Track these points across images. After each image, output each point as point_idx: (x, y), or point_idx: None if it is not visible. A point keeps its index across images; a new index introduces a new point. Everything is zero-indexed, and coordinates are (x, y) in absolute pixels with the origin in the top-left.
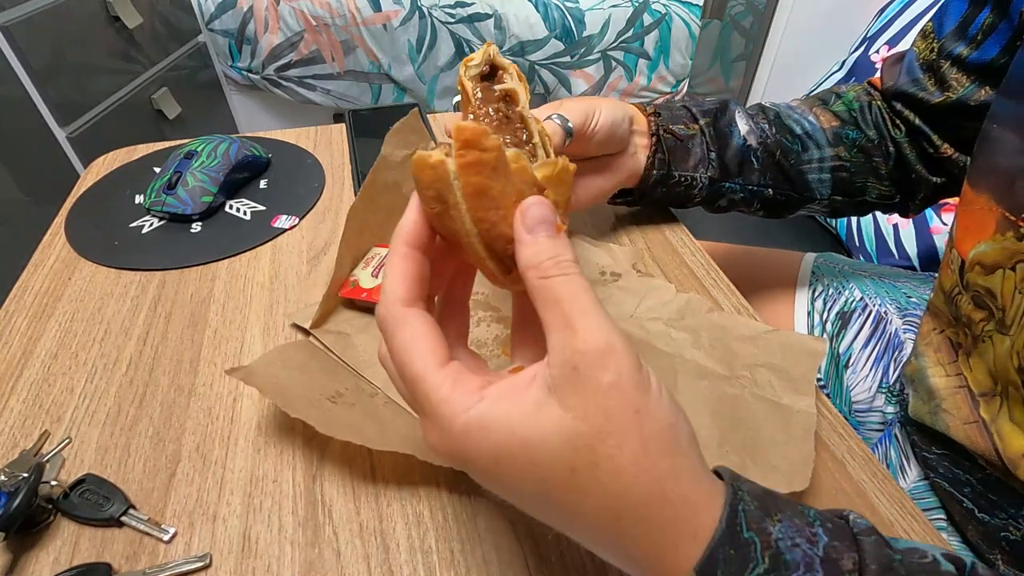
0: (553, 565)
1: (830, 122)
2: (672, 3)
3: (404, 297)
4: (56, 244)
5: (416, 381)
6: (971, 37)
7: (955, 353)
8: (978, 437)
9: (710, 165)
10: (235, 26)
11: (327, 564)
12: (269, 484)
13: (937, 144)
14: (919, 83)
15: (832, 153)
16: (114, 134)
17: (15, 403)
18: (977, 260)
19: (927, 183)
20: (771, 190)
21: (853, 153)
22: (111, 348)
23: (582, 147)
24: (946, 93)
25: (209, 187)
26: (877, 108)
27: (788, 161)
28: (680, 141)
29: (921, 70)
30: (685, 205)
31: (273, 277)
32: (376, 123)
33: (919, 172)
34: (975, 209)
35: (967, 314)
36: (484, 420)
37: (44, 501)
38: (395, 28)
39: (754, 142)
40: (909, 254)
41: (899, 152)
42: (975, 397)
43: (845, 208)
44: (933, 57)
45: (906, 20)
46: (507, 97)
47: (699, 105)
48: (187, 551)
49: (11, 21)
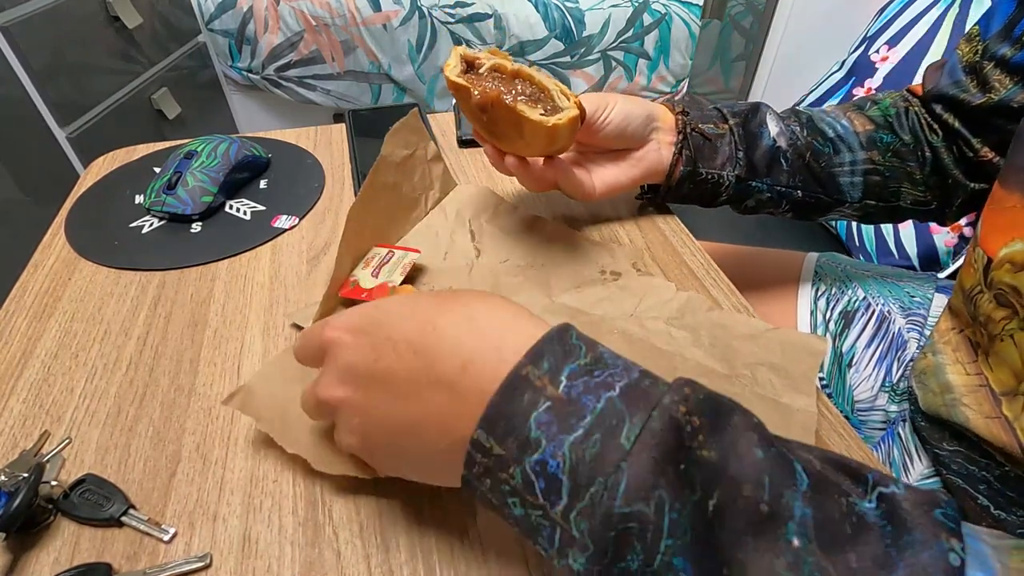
0: (553, 565)
1: (864, 126)
2: (672, 3)
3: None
4: (56, 244)
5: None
6: (1016, 38)
7: (975, 353)
8: (1001, 432)
9: (737, 164)
10: (235, 26)
11: (327, 564)
12: (269, 484)
13: (976, 147)
14: (961, 84)
15: (865, 156)
16: (114, 134)
17: (15, 403)
18: (1008, 259)
19: (964, 188)
20: (800, 191)
21: (887, 157)
22: (111, 348)
23: (592, 137)
24: (988, 95)
25: (209, 187)
26: (914, 113)
27: (819, 164)
28: (708, 140)
29: (964, 72)
30: (712, 204)
31: (273, 277)
32: (376, 123)
33: (956, 177)
34: (1006, 208)
35: (986, 313)
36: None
37: (44, 501)
38: (395, 28)
39: (784, 143)
40: (909, 254)
41: (936, 157)
42: (996, 396)
43: (878, 214)
44: (977, 59)
45: (906, 20)
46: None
47: (730, 107)
48: (187, 551)
49: (11, 21)
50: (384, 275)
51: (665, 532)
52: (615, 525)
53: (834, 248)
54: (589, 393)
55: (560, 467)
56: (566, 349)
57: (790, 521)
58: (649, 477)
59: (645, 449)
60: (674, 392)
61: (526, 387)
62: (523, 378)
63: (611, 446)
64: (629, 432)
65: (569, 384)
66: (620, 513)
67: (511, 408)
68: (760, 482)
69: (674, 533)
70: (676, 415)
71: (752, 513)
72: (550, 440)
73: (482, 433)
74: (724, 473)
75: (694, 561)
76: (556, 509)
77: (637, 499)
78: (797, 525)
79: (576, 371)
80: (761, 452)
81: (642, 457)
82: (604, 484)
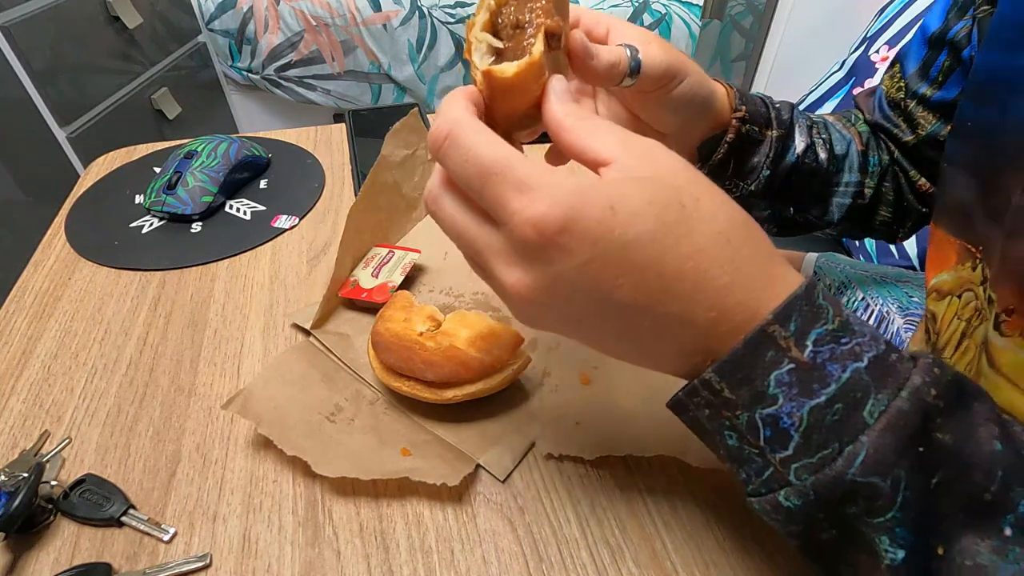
0: (553, 565)
1: (860, 145)
2: (672, 3)
3: (471, 110)
4: (56, 244)
5: (512, 167)
6: (933, 78)
7: None
8: None
9: (758, 180)
10: (235, 26)
11: (327, 564)
12: (269, 484)
13: (914, 179)
14: (891, 119)
15: (858, 179)
16: (114, 134)
17: (15, 403)
18: (935, 287)
19: (917, 212)
20: (793, 209)
21: (873, 180)
22: (111, 348)
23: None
24: (916, 131)
25: (209, 187)
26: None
27: (822, 184)
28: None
29: (890, 107)
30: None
31: (273, 277)
32: (376, 123)
33: (911, 201)
34: (938, 240)
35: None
36: (596, 181)
37: (44, 501)
38: (395, 28)
39: (804, 159)
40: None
41: (896, 180)
42: None
43: (850, 232)
44: (900, 96)
45: (906, 20)
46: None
47: (776, 109)
48: (187, 551)
49: (11, 21)
50: (384, 275)
51: (896, 506)
52: (845, 487)
53: (834, 248)
54: (835, 361)
55: (794, 425)
56: (815, 309)
57: (1010, 514)
58: (891, 455)
59: (890, 427)
60: (924, 372)
61: (770, 345)
62: (768, 335)
63: (854, 418)
64: (873, 408)
65: (815, 350)
66: (853, 480)
67: (752, 362)
68: (992, 472)
69: (904, 508)
70: (927, 398)
71: (974, 497)
72: (788, 400)
73: (715, 376)
74: (958, 456)
75: (914, 532)
76: (777, 455)
77: (874, 473)
78: (1016, 519)
79: (823, 336)
80: (1000, 445)
81: (885, 434)
82: (838, 450)
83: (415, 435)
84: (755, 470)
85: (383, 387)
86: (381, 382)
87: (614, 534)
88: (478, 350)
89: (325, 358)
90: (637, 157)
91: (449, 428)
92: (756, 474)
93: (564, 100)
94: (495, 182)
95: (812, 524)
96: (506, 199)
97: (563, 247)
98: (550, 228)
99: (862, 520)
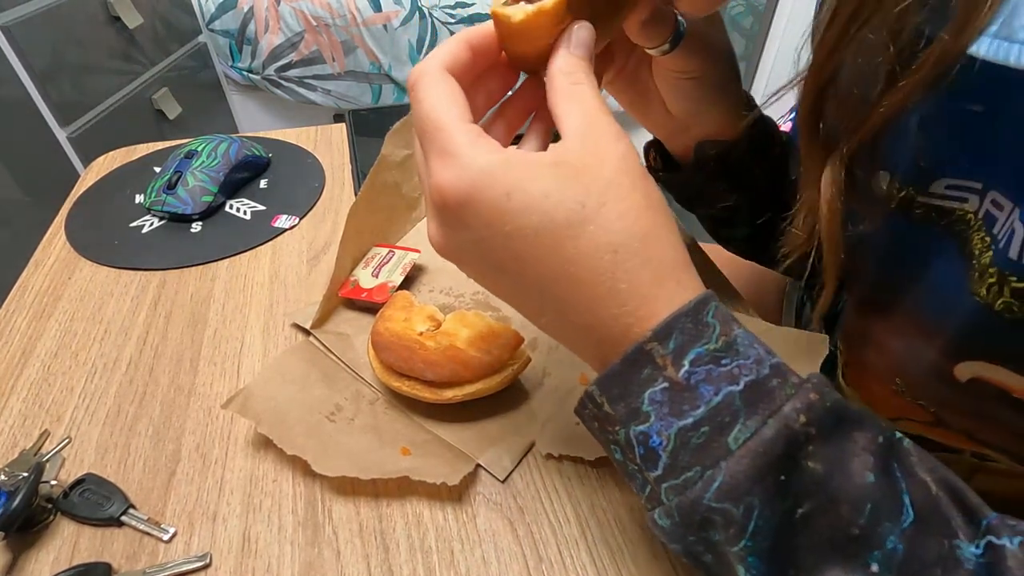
0: (553, 565)
1: None
2: None
3: (445, 62)
4: (56, 244)
5: (441, 129)
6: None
7: None
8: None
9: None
10: (235, 26)
11: (327, 564)
12: (269, 484)
13: None
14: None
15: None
16: (114, 134)
17: (15, 403)
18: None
19: None
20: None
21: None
22: (111, 348)
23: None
24: None
25: (209, 187)
26: None
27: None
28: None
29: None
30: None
31: (273, 277)
32: (376, 123)
33: None
34: None
35: None
36: (508, 161)
37: (44, 501)
38: (395, 28)
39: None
40: None
41: None
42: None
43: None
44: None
45: None
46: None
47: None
48: (187, 551)
49: (11, 21)
50: (384, 275)
51: (748, 533)
52: (701, 513)
53: None
54: (709, 383)
55: (662, 445)
56: (699, 328)
57: (877, 550)
58: (745, 483)
59: (749, 455)
60: (799, 399)
61: (647, 362)
62: (646, 352)
63: (717, 443)
64: (739, 434)
65: (691, 370)
66: (707, 505)
67: (628, 378)
68: (860, 507)
69: (755, 536)
70: (793, 425)
71: (841, 531)
72: (659, 419)
73: (596, 390)
74: (825, 487)
75: (767, 562)
76: (651, 474)
77: (727, 499)
78: (884, 556)
79: (702, 356)
80: (872, 477)
81: (744, 462)
82: (700, 474)
83: (415, 435)
84: (639, 486)
85: (383, 387)
86: (381, 382)
87: (614, 534)
88: (478, 350)
89: (325, 358)
90: (584, 141)
91: (449, 428)
92: (640, 489)
93: (571, 55)
94: (428, 139)
95: (688, 546)
96: (430, 157)
97: (462, 220)
98: (451, 200)
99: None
